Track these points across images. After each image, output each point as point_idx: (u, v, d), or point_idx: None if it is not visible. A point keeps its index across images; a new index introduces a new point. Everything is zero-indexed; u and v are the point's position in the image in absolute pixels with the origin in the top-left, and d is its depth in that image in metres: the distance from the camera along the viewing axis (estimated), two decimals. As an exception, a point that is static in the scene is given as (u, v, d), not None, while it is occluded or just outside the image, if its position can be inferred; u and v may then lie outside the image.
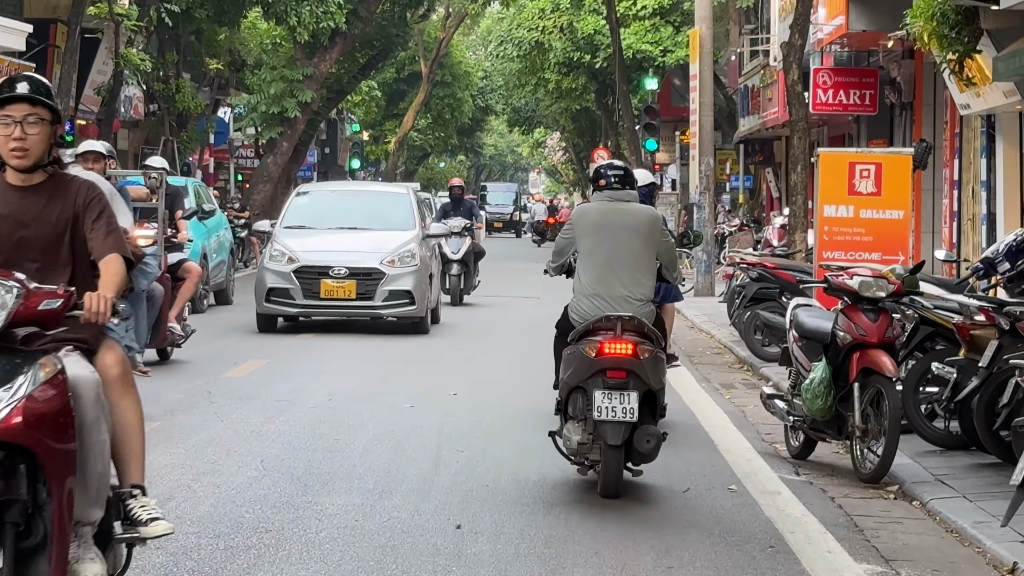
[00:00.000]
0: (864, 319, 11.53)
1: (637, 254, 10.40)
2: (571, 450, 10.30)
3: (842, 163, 16.76)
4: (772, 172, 43.03)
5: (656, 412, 10.39)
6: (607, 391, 9.95)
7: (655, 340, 10.23)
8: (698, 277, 30.20)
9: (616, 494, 10.12)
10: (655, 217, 10.72)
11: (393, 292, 21.11)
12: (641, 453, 10.12)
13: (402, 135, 64.28)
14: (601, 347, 9.99)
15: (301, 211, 22.81)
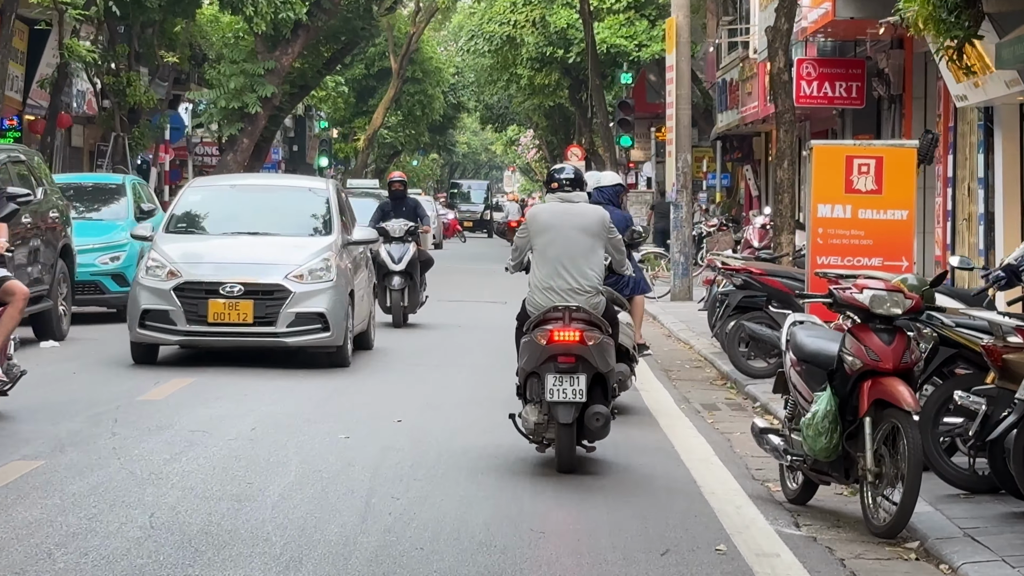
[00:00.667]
0: (877, 341, 9.53)
1: (586, 250, 11.19)
2: (529, 430, 11.16)
3: (838, 157, 14.78)
4: (751, 169, 41.07)
5: (607, 393, 11.13)
6: (558, 375, 10.83)
7: (602, 328, 11.09)
8: (675, 280, 28.22)
9: (571, 469, 11.00)
10: (603, 216, 11.46)
11: (301, 315, 16.48)
12: (591, 431, 11.02)
13: (371, 132, 62.23)
14: (551, 335, 10.88)
15: (191, 211, 18.25)
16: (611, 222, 11.54)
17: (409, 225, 22.71)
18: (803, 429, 9.84)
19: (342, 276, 17.02)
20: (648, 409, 14.57)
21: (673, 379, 17.35)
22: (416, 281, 22.67)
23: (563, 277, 11.11)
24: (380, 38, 64.55)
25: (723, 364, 17.66)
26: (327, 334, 16.62)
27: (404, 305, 22.38)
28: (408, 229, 22.62)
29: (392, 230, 22.47)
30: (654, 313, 25.56)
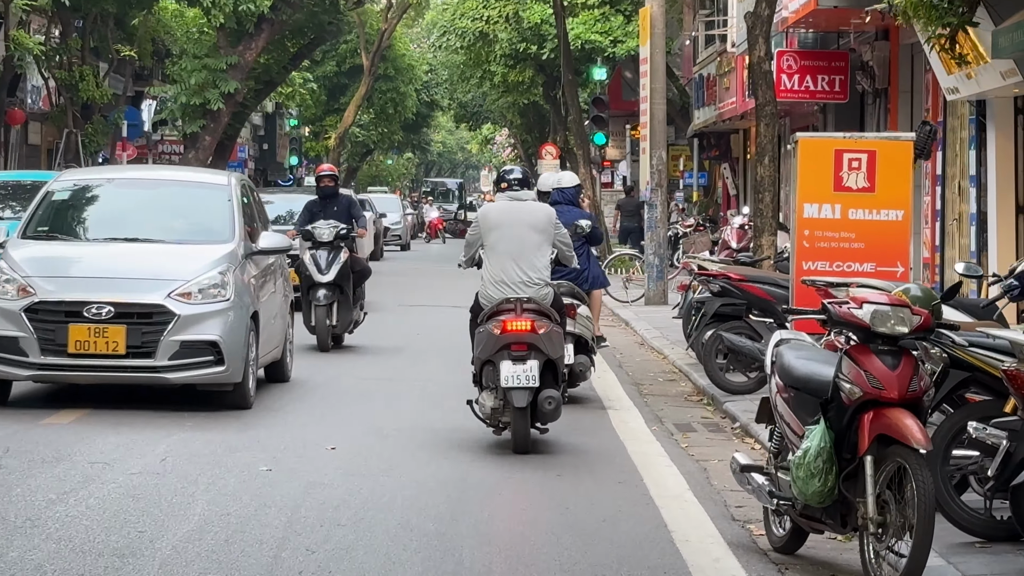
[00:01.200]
0: (879, 365, 7.96)
1: (535, 245, 11.90)
2: (486, 414, 11.76)
3: (826, 151, 13.20)
4: (729, 168, 39.52)
5: (557, 378, 11.75)
6: (512, 362, 11.45)
7: (552, 317, 11.75)
8: (649, 284, 26.63)
9: (526, 450, 11.56)
10: (549, 212, 12.21)
11: (188, 345, 12.82)
12: (544, 413, 11.63)
13: (342, 130, 60.53)
14: (504, 325, 11.52)
15: (56, 210, 14.47)
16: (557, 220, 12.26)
17: (339, 228, 18.75)
18: (792, 469, 8.26)
19: (243, 294, 13.36)
20: (616, 432, 12.98)
21: (645, 394, 15.76)
22: (348, 295, 18.59)
23: (514, 271, 11.83)
24: (351, 35, 62.91)
25: (699, 377, 16.10)
26: (220, 368, 12.92)
27: (332, 324, 18.41)
28: (339, 232, 18.70)
29: (319, 233, 18.70)
30: (627, 319, 24.00)
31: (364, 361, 17.80)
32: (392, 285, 31.31)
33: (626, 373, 17.37)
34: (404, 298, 27.68)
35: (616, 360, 18.63)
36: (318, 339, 18.32)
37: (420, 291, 29.19)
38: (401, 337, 20.63)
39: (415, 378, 16.14)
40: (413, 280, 32.19)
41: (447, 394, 14.67)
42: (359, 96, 60.09)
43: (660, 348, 19.57)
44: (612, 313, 25.89)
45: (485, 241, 12.02)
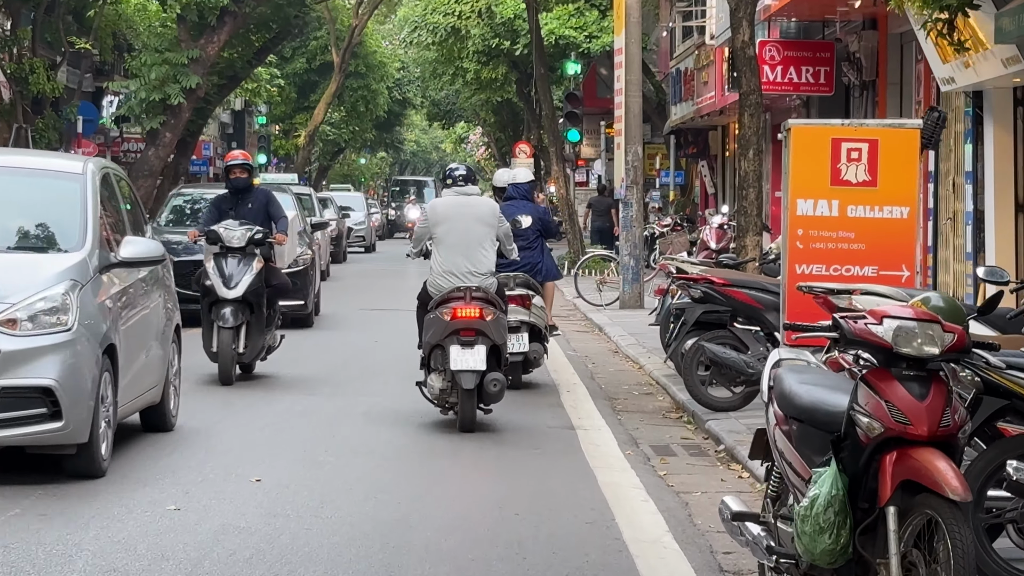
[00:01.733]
0: (904, 394, 6.39)
1: (480, 237, 12.47)
2: (434, 395, 12.32)
3: (822, 140, 11.61)
4: (707, 165, 37.97)
5: (501, 362, 12.40)
6: (461, 346, 12.00)
7: (497, 305, 12.36)
8: (624, 287, 25.04)
9: (472, 429, 12.05)
10: (493, 206, 12.96)
11: (10, 392, 9.47)
12: (489, 395, 12.19)
13: (312, 128, 58.80)
14: (454, 312, 12.10)
15: None
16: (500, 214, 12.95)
17: (254, 231, 15.06)
18: (796, 520, 6.67)
19: (93, 320, 9.89)
20: (585, 457, 11.38)
21: (619, 410, 14.16)
22: (261, 315, 14.94)
23: (461, 261, 12.40)
24: (322, 31, 61.25)
25: (679, 391, 14.51)
26: (56, 425, 9.49)
27: (240, 352, 14.77)
28: (252, 236, 15.02)
29: (228, 236, 15.02)
30: (600, 324, 22.41)
31: (302, 378, 15.81)
32: (353, 289, 29.71)
33: (598, 386, 15.77)
34: (366, 301, 26.06)
35: (588, 371, 17.04)
36: (220, 369, 14.66)
37: (384, 294, 27.58)
38: (355, 346, 19.00)
39: (364, 394, 14.50)
40: (376, 282, 30.57)
41: (398, 413, 13.09)
42: (329, 93, 58.41)
43: (636, 357, 17.97)
44: (585, 318, 24.31)
45: (434, 233, 12.64)
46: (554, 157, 36.54)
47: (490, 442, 11.90)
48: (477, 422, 12.36)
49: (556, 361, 17.69)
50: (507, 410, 13.44)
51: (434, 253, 12.60)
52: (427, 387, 12.46)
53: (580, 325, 23.40)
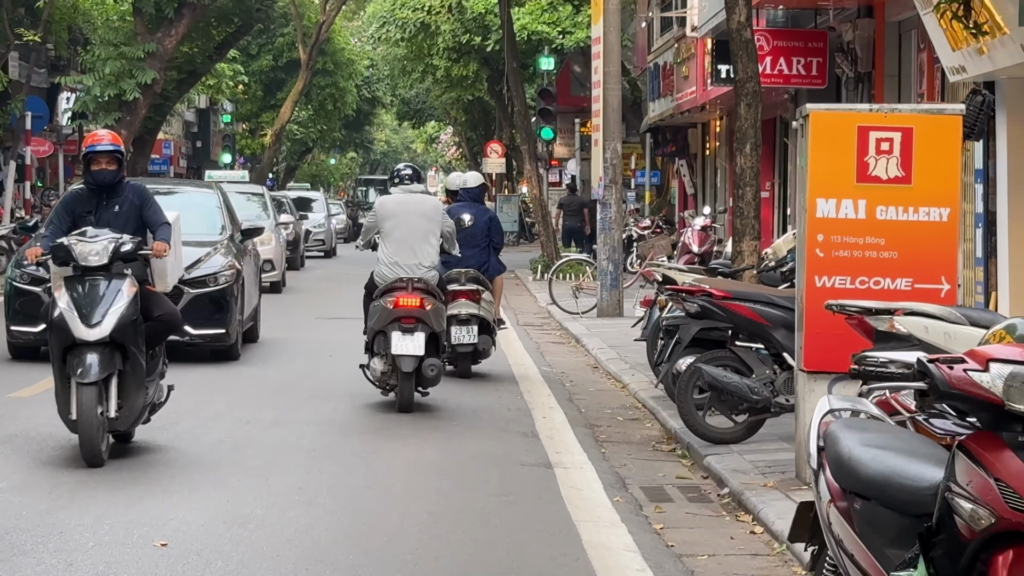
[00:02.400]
0: (1021, 468, 4.48)
1: (425, 232, 13.31)
2: (376, 377, 13.17)
3: (847, 129, 9.68)
4: (686, 165, 36.06)
5: (439, 349, 13.20)
6: (401, 333, 12.80)
7: (437, 296, 13.19)
8: (602, 293, 23.09)
9: (410, 409, 12.86)
10: (437, 204, 13.80)
11: None
12: (426, 378, 13.02)
13: (279, 127, 56.70)
14: (397, 301, 12.92)
15: None
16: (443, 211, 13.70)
17: (121, 241, 10.59)
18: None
19: None
20: (566, 505, 9.42)
21: (602, 440, 12.22)
22: (139, 362, 10.39)
23: (406, 254, 13.09)
24: (288, 27, 59.19)
25: (670, 417, 12.60)
26: None
27: (111, 416, 10.29)
28: (120, 250, 10.56)
29: (83, 253, 10.52)
30: (577, 334, 20.48)
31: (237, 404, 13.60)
32: (312, 295, 27.69)
33: (577, 410, 13.83)
34: (323, 309, 24.07)
35: (566, 391, 15.10)
36: (82, 443, 10.13)
37: (343, 300, 25.58)
38: (306, 364, 16.98)
39: (310, 423, 12.51)
40: (339, 288, 28.50)
41: (348, 449, 11.12)
42: (296, 91, 56.36)
43: (618, 375, 16.02)
44: (560, 327, 22.38)
45: (381, 228, 13.37)
46: (527, 156, 34.57)
47: (456, 485, 9.95)
48: (437, 462, 10.52)
49: (530, 380, 15.77)
50: (478, 439, 11.54)
51: (381, 246, 13.34)
52: (370, 370, 13.17)
53: (555, 335, 21.48)
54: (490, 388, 14.94)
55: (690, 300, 11.65)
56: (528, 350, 19.03)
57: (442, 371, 13.21)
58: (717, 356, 11.61)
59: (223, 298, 16.26)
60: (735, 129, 15.25)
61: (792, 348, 11.39)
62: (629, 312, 23.08)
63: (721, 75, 25.83)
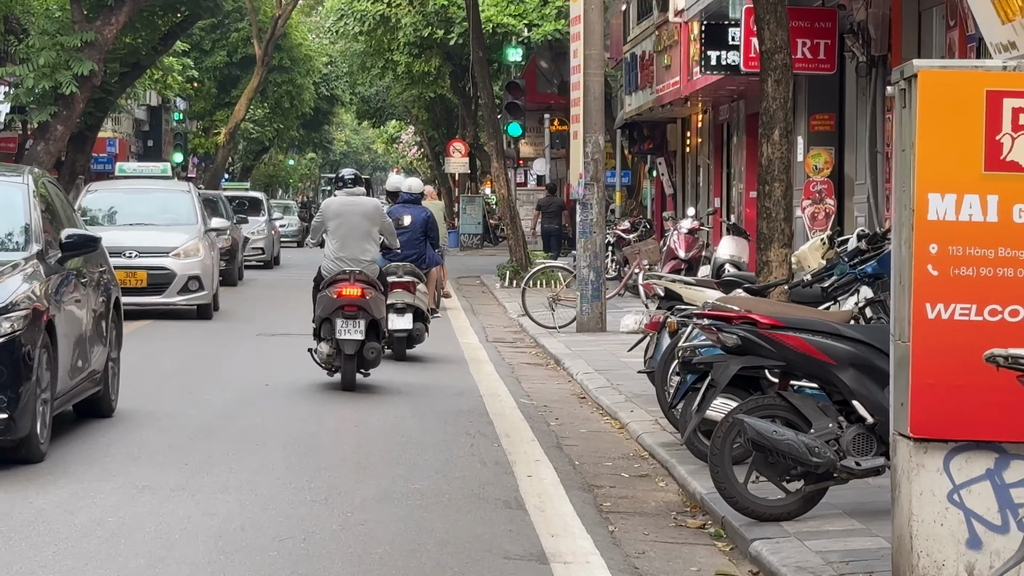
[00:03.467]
0: None
1: (366, 230, 14.42)
2: (322, 360, 14.10)
3: (972, 96, 6.70)
4: (665, 163, 33.08)
5: (379, 335, 14.17)
6: (344, 320, 13.84)
7: (377, 287, 14.22)
8: (583, 304, 20.06)
9: (352, 388, 13.92)
10: (377, 204, 15.01)
11: None
12: (367, 360, 14.09)
13: (233, 125, 53.49)
14: (340, 291, 13.95)
15: None
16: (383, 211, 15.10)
17: None
18: None
19: None
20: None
21: (607, 511, 9.18)
22: None
23: (349, 250, 14.28)
24: (243, 22, 56.02)
25: (692, 476, 9.62)
26: None
27: None
28: None
29: None
30: (557, 355, 17.46)
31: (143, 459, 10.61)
32: (256, 305, 24.52)
33: (569, 460, 10.80)
34: (267, 323, 20.97)
35: (551, 433, 12.06)
36: None
37: (291, 312, 22.52)
38: (239, 393, 13.90)
39: (227, 489, 9.41)
40: (285, 297, 25.46)
41: (284, 515, 8.06)
42: (251, 88, 53.19)
43: (613, 410, 12.98)
44: (535, 344, 19.37)
45: (327, 227, 14.38)
46: (493, 153, 31.47)
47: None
48: (392, 555, 7.45)
49: (507, 418, 12.73)
50: (446, 514, 8.53)
51: (327, 242, 14.40)
52: (316, 353, 14.15)
53: (531, 355, 18.45)
54: (461, 431, 11.91)
55: (727, 330, 8.61)
56: (501, 375, 16.02)
57: (381, 354, 14.27)
58: (763, 404, 8.60)
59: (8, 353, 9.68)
60: (762, 111, 12.22)
61: (864, 394, 8.43)
62: (613, 325, 20.10)
63: (711, 62, 22.90)
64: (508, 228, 30.53)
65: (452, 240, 51.97)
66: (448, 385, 14.90)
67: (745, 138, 26.38)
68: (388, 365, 16.72)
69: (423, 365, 16.84)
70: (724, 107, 28.13)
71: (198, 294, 21.16)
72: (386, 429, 11.87)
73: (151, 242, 21.21)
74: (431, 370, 16.37)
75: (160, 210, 22.47)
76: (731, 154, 28.18)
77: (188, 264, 20.93)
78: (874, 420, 8.44)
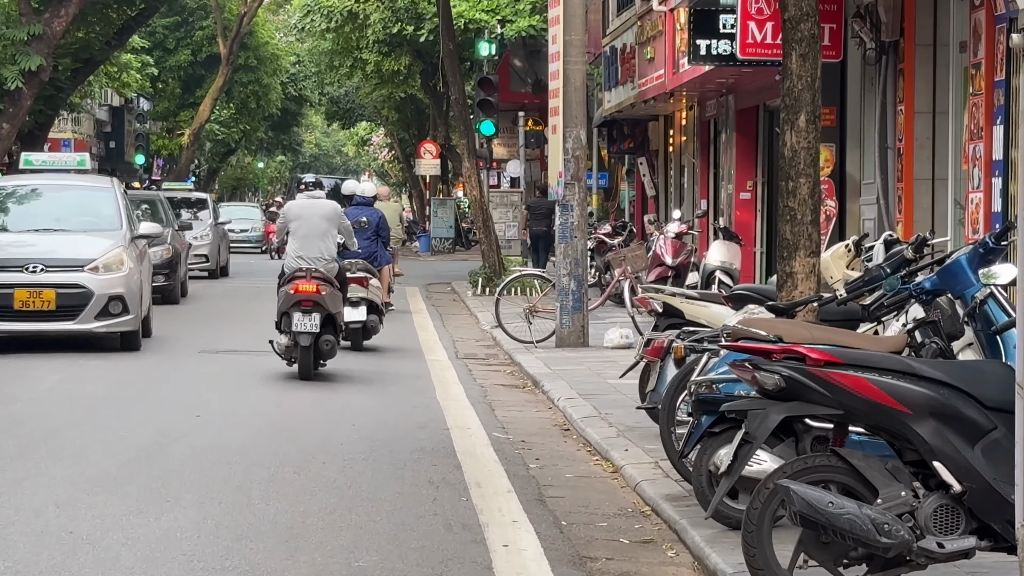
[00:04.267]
0: None
1: (324, 231, 15.21)
2: (281, 351, 14.84)
3: None
4: (646, 163, 30.94)
5: (335, 328, 14.95)
6: (301, 314, 14.55)
7: (333, 284, 14.97)
8: (563, 317, 17.91)
9: (309, 377, 14.54)
10: (335, 207, 15.77)
11: None
12: (323, 352, 14.78)
13: (197, 126, 51.25)
14: (297, 287, 14.68)
15: None
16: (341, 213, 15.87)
17: None
18: None
19: None
20: None
21: (605, 597, 7.03)
22: None
23: (309, 249, 15.01)
24: (208, 20, 53.82)
25: (709, 545, 7.48)
26: None
27: None
28: None
29: None
30: (535, 375, 15.30)
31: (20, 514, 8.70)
32: (200, 322, 22.07)
33: (554, 519, 8.62)
34: (211, 340, 18.70)
35: (531, 480, 9.89)
36: None
37: (240, 327, 20.31)
38: (163, 427, 11.67)
39: (109, 573, 7.22)
40: (236, 308, 23.23)
41: None
42: (216, 88, 51.00)
43: (604, 448, 10.81)
44: (510, 360, 17.23)
45: (290, 228, 15.28)
46: (465, 153, 29.28)
47: None
48: None
49: (477, 458, 10.56)
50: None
51: (289, 242, 15.16)
52: (276, 344, 14.83)
53: (505, 374, 16.29)
54: (423, 478, 9.73)
55: (768, 368, 6.46)
56: (472, 399, 13.86)
57: (336, 346, 14.95)
58: (814, 466, 6.46)
59: None
60: (785, 94, 10.07)
61: (949, 453, 6.34)
62: (595, 339, 17.99)
63: (701, 51, 20.78)
64: (481, 232, 28.37)
65: (423, 244, 49.79)
66: (410, 414, 12.73)
67: (735, 135, 24.28)
68: (345, 387, 14.60)
69: (384, 386, 14.70)
70: (711, 102, 26.01)
71: (121, 319, 16.69)
72: (331, 477, 9.69)
73: (61, 252, 16.83)
74: (392, 393, 14.21)
75: (75, 212, 18.01)
76: (719, 153, 26.08)
77: (108, 281, 16.66)
78: (962, 488, 6.32)
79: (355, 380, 15.15)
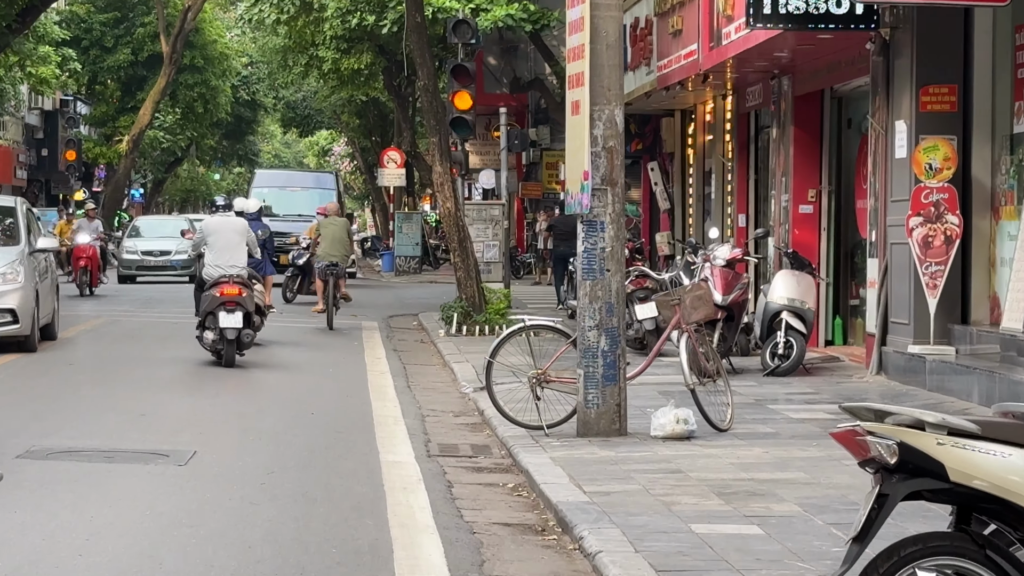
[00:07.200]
0: None
1: (236, 243, 17.78)
2: (208, 345, 17.02)
3: None
4: (659, 168, 24.44)
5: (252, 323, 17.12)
6: (226, 312, 16.76)
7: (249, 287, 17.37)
8: (588, 391, 11.36)
9: (233, 364, 16.69)
10: (244, 223, 18.42)
11: None
12: (243, 343, 16.95)
13: (137, 131, 44.68)
14: (222, 290, 16.98)
15: None
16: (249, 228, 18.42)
17: None
18: None
19: None
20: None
21: None
22: None
23: (225, 258, 17.52)
24: (150, 16, 47.23)
25: None
26: None
27: None
28: None
29: None
30: (564, 510, 8.73)
31: None
32: (25, 406, 14.94)
33: None
34: (39, 435, 11.93)
35: None
36: None
37: (104, 400, 13.74)
38: None
39: None
40: (59, 394, 16.69)
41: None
42: (158, 89, 44.47)
43: None
44: (511, 463, 10.73)
45: (207, 241, 17.73)
46: (436, 154, 22.65)
47: None
48: None
49: None
50: None
51: (207, 253, 17.68)
52: (203, 340, 16.98)
53: (504, 492, 9.79)
54: None
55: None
56: (452, 566, 7.42)
57: (253, 339, 17.25)
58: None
59: None
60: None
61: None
62: (636, 421, 11.60)
63: (765, 7, 14.46)
64: (456, 254, 21.78)
65: (386, 263, 43.30)
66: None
67: (792, 130, 17.87)
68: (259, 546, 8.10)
69: (307, 554, 8.22)
70: (754, 89, 19.60)
71: None
72: None
73: None
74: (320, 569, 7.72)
75: None
76: (764, 154, 19.69)
77: None
78: None
79: (273, 525, 8.65)
